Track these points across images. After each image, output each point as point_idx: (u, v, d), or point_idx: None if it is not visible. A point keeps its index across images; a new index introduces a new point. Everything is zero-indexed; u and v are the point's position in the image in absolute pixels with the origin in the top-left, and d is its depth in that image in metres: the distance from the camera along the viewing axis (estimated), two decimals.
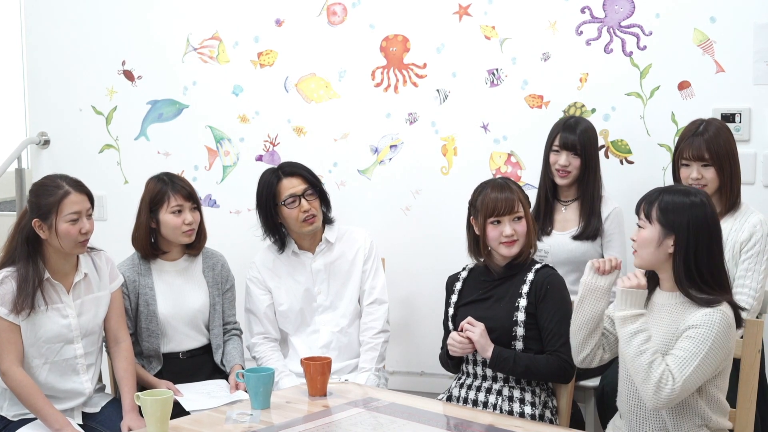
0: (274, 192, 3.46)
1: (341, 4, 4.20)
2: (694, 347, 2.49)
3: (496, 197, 3.02)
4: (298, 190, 3.45)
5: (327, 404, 2.79)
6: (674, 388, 2.46)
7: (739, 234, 3.19)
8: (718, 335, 2.49)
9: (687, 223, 2.56)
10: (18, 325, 2.97)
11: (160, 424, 2.51)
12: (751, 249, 3.18)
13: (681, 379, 2.47)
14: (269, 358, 3.52)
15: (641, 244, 2.64)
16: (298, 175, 3.49)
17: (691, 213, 2.57)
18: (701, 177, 3.21)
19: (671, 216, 2.58)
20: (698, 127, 3.25)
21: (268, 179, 3.49)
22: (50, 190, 3.01)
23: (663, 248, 2.60)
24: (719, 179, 3.21)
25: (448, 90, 4.09)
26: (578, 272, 3.54)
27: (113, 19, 4.54)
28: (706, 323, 2.50)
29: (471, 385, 3.03)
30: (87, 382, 3.11)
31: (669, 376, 2.47)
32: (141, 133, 4.54)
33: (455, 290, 3.15)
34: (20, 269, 2.98)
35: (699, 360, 2.48)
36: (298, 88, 4.30)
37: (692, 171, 3.22)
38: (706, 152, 3.19)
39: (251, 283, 3.59)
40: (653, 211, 2.61)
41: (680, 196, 2.61)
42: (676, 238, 2.57)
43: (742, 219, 3.22)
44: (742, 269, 3.18)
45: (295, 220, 3.46)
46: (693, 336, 2.50)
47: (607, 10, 3.84)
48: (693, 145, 3.21)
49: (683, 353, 2.49)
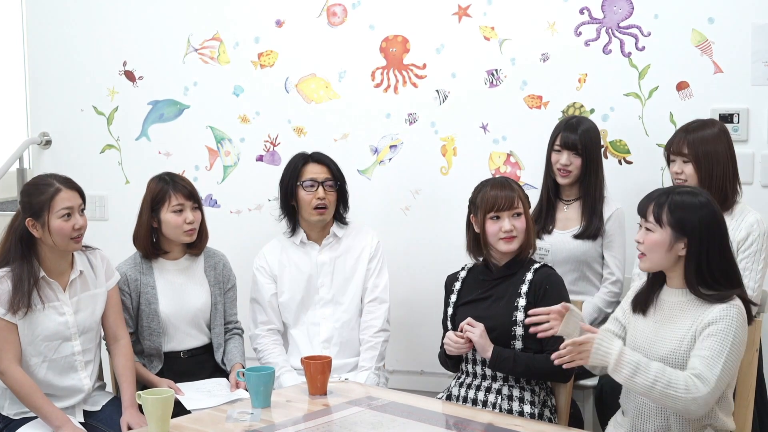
0: (298, 172, 3.54)
1: (341, 5, 4.21)
2: (718, 345, 2.46)
3: (497, 193, 3.04)
4: (319, 176, 3.52)
5: (327, 403, 2.80)
6: (708, 389, 2.43)
7: (737, 233, 3.20)
8: (738, 329, 2.48)
9: (698, 226, 2.55)
10: (15, 324, 2.98)
11: (161, 422, 2.52)
12: (748, 248, 3.19)
13: (713, 379, 2.43)
14: (270, 352, 3.53)
15: (651, 248, 2.60)
16: (326, 164, 3.57)
17: (701, 214, 2.56)
18: (681, 172, 3.25)
19: (683, 219, 2.56)
20: (690, 124, 3.29)
21: (296, 159, 3.59)
22: (41, 188, 3.02)
23: (674, 251, 2.58)
24: (697, 176, 3.22)
25: (448, 90, 4.11)
26: (578, 272, 3.56)
27: (114, 20, 4.55)
28: (725, 317, 2.48)
29: (470, 384, 3.04)
30: (86, 379, 3.12)
31: (695, 381, 2.43)
32: (142, 134, 4.55)
33: (454, 290, 3.16)
34: (15, 269, 2.99)
35: (725, 356, 2.45)
36: (298, 89, 4.31)
37: (675, 166, 3.26)
38: (685, 147, 3.22)
39: (257, 272, 3.62)
40: (663, 214, 2.58)
41: (688, 197, 2.59)
42: (688, 241, 2.56)
43: (740, 218, 3.23)
44: (740, 268, 3.18)
45: (308, 205, 3.50)
46: (714, 333, 2.48)
47: (605, 11, 3.85)
48: (675, 140, 3.27)
49: (708, 352, 2.46)
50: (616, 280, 3.53)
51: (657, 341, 2.61)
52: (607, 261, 3.55)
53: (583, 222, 3.56)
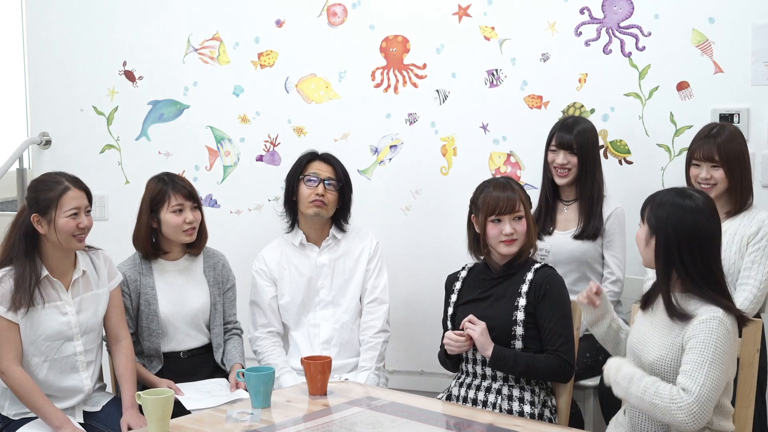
0: (302, 167, 3.57)
1: (341, 5, 4.21)
2: (699, 357, 2.45)
3: (498, 196, 3.03)
4: (322, 174, 3.53)
5: (327, 403, 2.80)
6: (691, 398, 2.42)
7: (747, 228, 3.24)
8: (719, 340, 2.46)
9: (666, 223, 2.54)
10: (17, 323, 2.98)
11: (161, 423, 2.52)
12: (758, 242, 3.21)
13: (696, 389, 2.42)
14: (270, 354, 3.53)
15: (637, 243, 2.66)
16: (331, 164, 3.58)
17: (673, 212, 2.54)
18: (710, 177, 3.26)
19: (655, 216, 2.58)
20: (711, 129, 3.30)
21: (303, 156, 3.61)
22: (50, 185, 3.02)
23: (650, 248, 2.59)
24: (728, 181, 3.25)
25: (448, 90, 4.11)
26: (578, 272, 3.56)
27: (114, 20, 4.55)
28: (704, 330, 2.47)
29: (470, 384, 3.04)
30: (87, 379, 3.12)
31: (679, 392, 2.43)
32: (142, 134, 4.56)
33: (455, 289, 3.16)
34: (18, 267, 2.99)
35: (707, 367, 2.44)
36: (298, 89, 4.31)
37: (702, 171, 3.26)
38: (716, 154, 3.23)
39: (257, 275, 3.62)
40: (646, 210, 2.62)
41: (673, 197, 2.59)
42: (656, 237, 2.57)
43: (751, 215, 3.28)
44: (748, 261, 3.21)
45: (306, 198, 3.51)
46: (694, 346, 2.47)
47: (606, 11, 3.86)
48: (705, 146, 3.26)
49: (689, 366, 2.46)
50: (616, 279, 3.53)
51: (648, 344, 2.61)
52: (607, 260, 3.55)
53: (581, 222, 3.56)
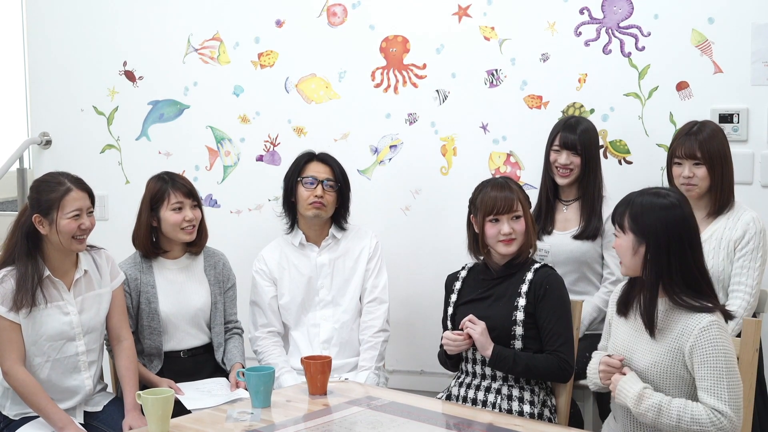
0: (300, 168, 3.57)
1: (341, 5, 4.22)
2: (714, 371, 2.45)
3: (496, 196, 3.04)
4: (321, 175, 3.53)
5: (327, 403, 2.80)
6: (730, 416, 2.42)
7: (733, 232, 3.20)
8: (724, 345, 2.46)
9: (657, 228, 2.53)
10: (18, 324, 2.98)
11: (161, 422, 2.52)
12: (745, 246, 3.19)
13: (727, 409, 2.42)
14: (270, 353, 3.54)
15: (620, 253, 2.62)
16: (330, 165, 3.58)
17: (661, 215, 2.54)
18: (693, 175, 3.23)
19: (641, 222, 2.55)
20: (692, 127, 3.27)
21: (301, 157, 3.61)
22: (52, 186, 3.01)
23: (638, 256, 2.57)
24: (710, 179, 3.22)
25: (448, 90, 4.11)
26: (578, 272, 3.56)
27: (114, 20, 4.55)
28: (708, 339, 2.46)
29: (470, 384, 3.05)
30: (88, 380, 3.12)
31: (713, 413, 2.43)
32: (142, 134, 4.56)
33: (454, 289, 3.16)
34: (19, 267, 2.99)
35: (726, 379, 2.44)
36: (298, 89, 4.31)
37: (684, 169, 3.24)
38: (698, 151, 3.20)
39: (257, 275, 3.62)
40: (625, 219, 2.58)
41: (650, 198, 2.58)
42: (647, 244, 2.54)
43: (735, 217, 3.23)
44: (738, 267, 3.19)
45: (305, 200, 3.52)
46: (705, 360, 2.46)
47: (605, 11, 3.86)
48: (686, 144, 3.24)
49: (709, 383, 2.45)
50: (615, 279, 3.53)
51: (636, 351, 2.61)
52: (606, 261, 3.55)
53: (581, 222, 3.56)
